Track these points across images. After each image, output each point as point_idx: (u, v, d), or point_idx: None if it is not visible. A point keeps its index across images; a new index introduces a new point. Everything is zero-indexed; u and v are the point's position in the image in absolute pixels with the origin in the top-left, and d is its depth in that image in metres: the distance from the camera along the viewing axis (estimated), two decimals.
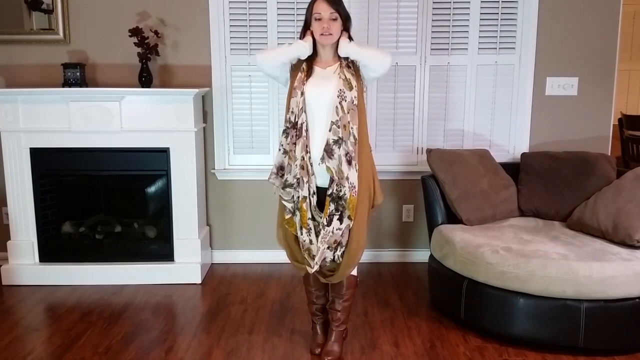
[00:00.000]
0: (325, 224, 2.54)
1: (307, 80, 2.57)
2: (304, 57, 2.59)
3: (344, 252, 2.60)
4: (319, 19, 2.50)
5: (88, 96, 3.60)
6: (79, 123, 3.60)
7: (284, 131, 2.61)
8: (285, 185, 2.60)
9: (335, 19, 2.51)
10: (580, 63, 3.88)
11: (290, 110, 2.57)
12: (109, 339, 2.98)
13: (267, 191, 3.95)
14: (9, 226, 3.74)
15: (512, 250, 2.87)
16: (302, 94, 2.55)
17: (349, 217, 2.55)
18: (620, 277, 2.68)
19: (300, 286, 3.54)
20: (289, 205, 2.62)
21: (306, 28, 2.59)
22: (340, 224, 2.54)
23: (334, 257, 2.60)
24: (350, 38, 2.59)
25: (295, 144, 2.55)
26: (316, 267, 2.58)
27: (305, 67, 2.59)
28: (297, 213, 2.60)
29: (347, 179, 2.51)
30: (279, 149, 2.64)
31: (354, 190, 2.53)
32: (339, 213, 2.53)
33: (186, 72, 3.86)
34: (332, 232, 2.54)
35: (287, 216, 2.64)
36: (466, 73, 3.91)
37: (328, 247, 2.56)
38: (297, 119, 2.55)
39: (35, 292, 3.59)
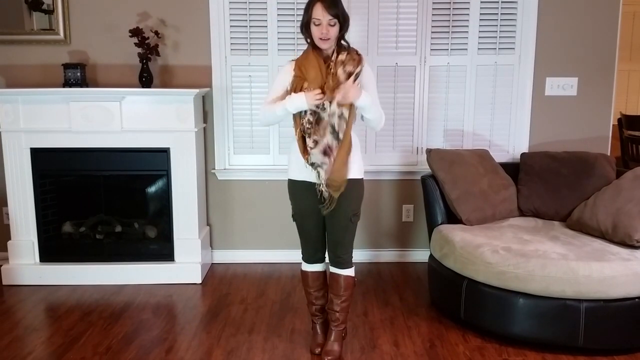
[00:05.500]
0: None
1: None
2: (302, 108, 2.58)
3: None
4: (318, 25, 2.53)
5: (88, 96, 3.61)
6: (79, 123, 3.61)
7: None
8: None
9: (333, 25, 2.53)
10: (580, 63, 3.88)
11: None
12: (109, 339, 2.99)
13: (267, 191, 3.98)
14: (9, 226, 3.75)
15: (512, 250, 2.88)
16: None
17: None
18: (619, 277, 2.68)
19: (300, 286, 3.54)
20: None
21: (306, 27, 2.59)
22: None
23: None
24: (342, 38, 2.60)
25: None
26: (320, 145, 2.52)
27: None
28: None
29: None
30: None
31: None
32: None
33: (186, 72, 3.87)
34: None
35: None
36: (466, 73, 3.92)
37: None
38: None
39: (35, 292, 3.59)
